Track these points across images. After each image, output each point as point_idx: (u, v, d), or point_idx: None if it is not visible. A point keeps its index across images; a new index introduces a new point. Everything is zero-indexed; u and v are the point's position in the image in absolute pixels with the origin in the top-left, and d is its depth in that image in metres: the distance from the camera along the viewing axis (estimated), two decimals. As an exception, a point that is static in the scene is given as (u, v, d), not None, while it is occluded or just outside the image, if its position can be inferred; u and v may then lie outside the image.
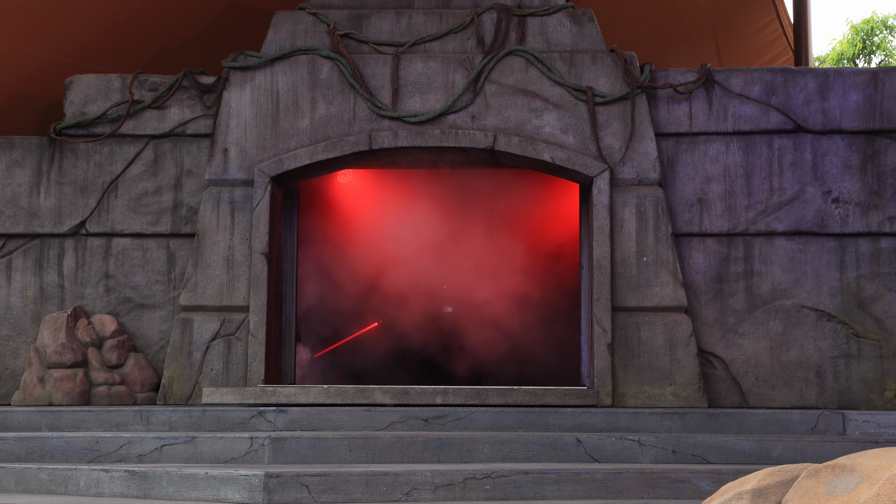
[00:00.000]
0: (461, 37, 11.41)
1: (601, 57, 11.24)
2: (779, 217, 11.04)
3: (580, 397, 10.36)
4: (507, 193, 13.73)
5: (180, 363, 10.95)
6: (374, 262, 13.59)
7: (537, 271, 13.61)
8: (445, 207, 13.59)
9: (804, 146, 11.11)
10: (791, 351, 10.92)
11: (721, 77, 11.22)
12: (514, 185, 13.55)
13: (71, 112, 11.47)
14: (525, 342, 13.56)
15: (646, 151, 11.02)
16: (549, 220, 13.71)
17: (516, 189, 13.59)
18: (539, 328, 13.48)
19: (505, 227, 13.78)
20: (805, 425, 9.72)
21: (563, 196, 13.23)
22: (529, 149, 11.01)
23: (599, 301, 10.80)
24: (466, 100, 11.17)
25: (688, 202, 11.09)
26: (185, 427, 9.83)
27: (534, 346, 13.55)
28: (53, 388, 10.72)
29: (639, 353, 10.78)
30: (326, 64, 11.30)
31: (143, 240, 11.33)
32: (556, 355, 13.44)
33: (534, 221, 13.78)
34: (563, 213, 13.41)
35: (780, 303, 10.98)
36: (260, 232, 11.00)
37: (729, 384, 10.89)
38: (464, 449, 8.97)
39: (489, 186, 13.75)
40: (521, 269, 13.54)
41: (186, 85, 11.44)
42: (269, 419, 9.76)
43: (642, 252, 10.89)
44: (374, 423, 9.72)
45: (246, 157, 11.19)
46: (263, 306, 10.89)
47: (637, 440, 8.99)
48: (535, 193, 13.57)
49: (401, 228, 13.53)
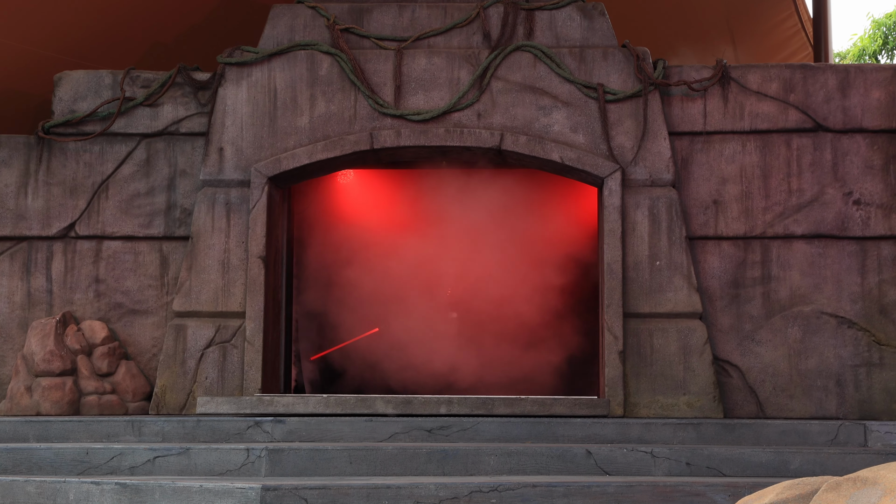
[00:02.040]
0: (466, 31, 11.43)
1: (612, 52, 11.25)
2: (797, 219, 11.05)
3: (590, 407, 10.36)
4: (520, 194, 13.67)
5: (174, 371, 10.97)
6: (377, 267, 13.57)
7: (554, 273, 13.57)
8: (452, 209, 13.57)
9: (824, 146, 11.13)
10: (810, 359, 10.93)
11: (737, 73, 11.23)
12: (524, 185, 13.48)
13: (60, 110, 11.49)
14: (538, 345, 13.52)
15: (659, 151, 11.03)
16: (569, 224, 13.63)
17: (529, 189, 13.53)
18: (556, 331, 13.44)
19: (519, 230, 13.74)
20: (825, 436, 9.72)
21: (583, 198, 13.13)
22: (538, 148, 11.02)
23: (610, 307, 10.81)
24: (472, 97, 11.19)
25: (703, 204, 11.10)
26: (179, 438, 9.83)
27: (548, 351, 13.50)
28: (41, 397, 10.74)
29: (651, 361, 10.80)
30: (326, 60, 11.32)
31: (135, 243, 11.35)
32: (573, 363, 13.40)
33: (550, 224, 13.73)
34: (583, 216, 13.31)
35: (798, 309, 10.99)
36: (257, 234, 11.02)
37: (745, 394, 10.90)
38: (469, 461, 8.97)
39: (499, 187, 13.73)
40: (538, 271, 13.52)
41: (180, 81, 11.46)
42: (267, 430, 9.76)
43: (655, 256, 10.90)
44: (376, 433, 9.73)
45: (242, 156, 11.21)
46: (260, 312, 10.91)
47: (650, 452, 9.00)
48: (551, 194, 13.51)
49: (405, 231, 13.52)
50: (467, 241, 13.59)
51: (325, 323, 13.75)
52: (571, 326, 13.28)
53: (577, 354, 13.30)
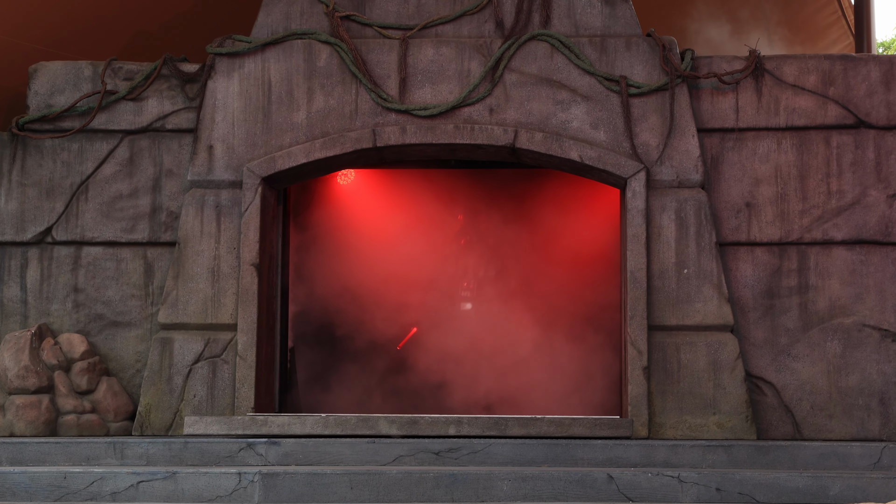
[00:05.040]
0: (478, 19, 11.45)
1: (636, 42, 11.28)
2: (837, 224, 11.06)
3: (612, 428, 10.38)
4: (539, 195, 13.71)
5: (159, 388, 10.99)
6: (378, 273, 13.60)
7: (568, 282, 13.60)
8: (460, 211, 13.61)
9: (866, 143, 11.14)
10: (851, 375, 10.94)
11: (772, 65, 11.25)
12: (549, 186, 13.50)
13: (35, 104, 11.52)
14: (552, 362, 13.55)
15: (687, 149, 11.05)
16: (592, 228, 13.64)
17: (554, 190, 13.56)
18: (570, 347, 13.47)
19: (535, 234, 13.77)
20: (867, 459, 9.73)
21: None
22: (555, 146, 11.05)
23: (634, 319, 10.83)
24: (483, 91, 11.21)
25: (734, 207, 11.12)
26: (165, 461, 9.86)
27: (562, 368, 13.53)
28: (15, 416, 10.77)
29: (679, 377, 10.81)
30: (325, 50, 11.35)
31: (117, 249, 11.37)
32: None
33: (571, 227, 13.75)
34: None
35: (838, 321, 11.00)
36: (249, 240, 11.05)
37: (780, 413, 10.92)
38: (480, 486, 8.99)
39: (516, 187, 13.76)
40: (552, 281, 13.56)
41: (166, 73, 11.49)
42: (260, 452, 9.79)
43: (683, 263, 10.92)
44: (379, 456, 9.75)
45: (233, 155, 11.24)
46: (253, 324, 10.93)
47: (676, 476, 9.02)
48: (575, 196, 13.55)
49: (409, 236, 13.56)
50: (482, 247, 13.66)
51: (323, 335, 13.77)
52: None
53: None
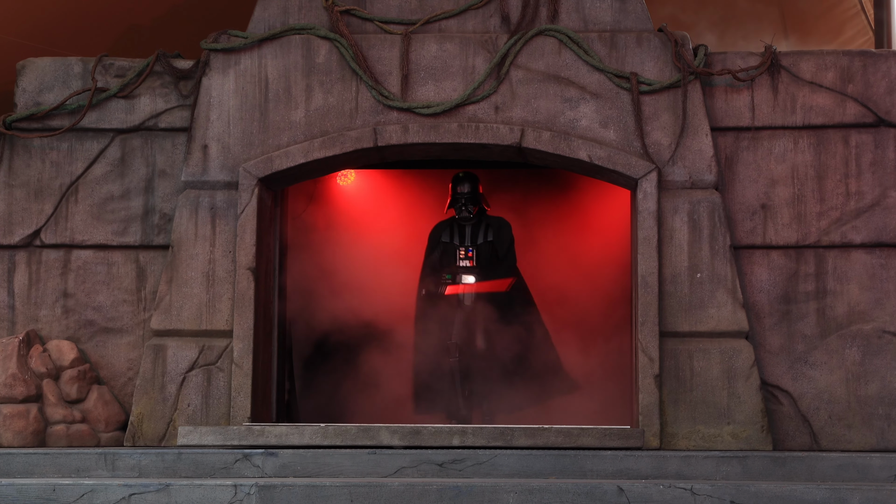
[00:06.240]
0: (483, 14, 11.45)
1: (647, 38, 11.27)
2: (856, 226, 11.05)
3: (622, 438, 10.37)
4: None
5: (152, 397, 10.99)
6: (379, 275, 13.60)
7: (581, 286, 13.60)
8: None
9: (887, 143, 11.13)
10: (871, 384, 10.93)
11: (788, 61, 11.23)
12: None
13: (23, 102, 11.51)
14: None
15: (700, 149, 11.04)
16: (601, 230, 13.65)
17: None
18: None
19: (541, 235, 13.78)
20: (887, 471, 9.72)
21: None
22: (563, 146, 11.03)
23: (645, 325, 10.81)
24: (489, 88, 11.21)
25: (749, 209, 11.11)
26: (158, 473, 9.85)
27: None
28: (2, 426, 10.76)
29: (691, 386, 10.80)
30: (324, 46, 11.34)
31: (109, 252, 11.37)
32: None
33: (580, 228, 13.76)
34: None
35: (857, 327, 10.99)
36: (245, 243, 11.04)
37: (797, 423, 10.90)
38: (485, 499, 8.98)
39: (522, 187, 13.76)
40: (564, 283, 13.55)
41: (159, 70, 11.49)
42: (257, 463, 9.78)
43: (696, 267, 10.90)
44: (380, 468, 9.74)
45: (229, 154, 11.23)
46: (250, 331, 10.92)
47: (689, 489, 9.00)
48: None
49: (410, 238, 13.55)
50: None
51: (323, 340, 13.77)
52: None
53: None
